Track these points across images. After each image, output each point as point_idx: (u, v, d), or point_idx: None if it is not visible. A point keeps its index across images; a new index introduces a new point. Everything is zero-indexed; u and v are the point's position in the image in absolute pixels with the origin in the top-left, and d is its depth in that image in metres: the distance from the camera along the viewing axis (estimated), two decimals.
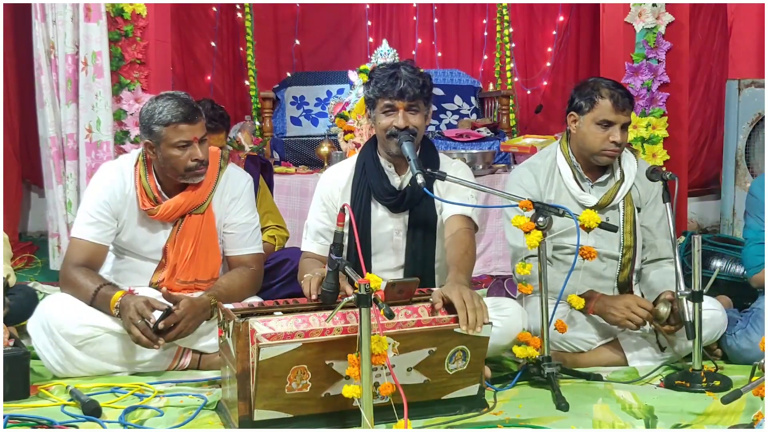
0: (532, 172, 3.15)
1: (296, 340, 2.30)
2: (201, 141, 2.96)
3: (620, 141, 3.00)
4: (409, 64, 2.93)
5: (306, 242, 3.04)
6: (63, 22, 4.46)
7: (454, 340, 2.42)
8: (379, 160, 2.98)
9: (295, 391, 2.31)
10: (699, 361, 2.78)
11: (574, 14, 6.98)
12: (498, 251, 4.92)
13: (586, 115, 3.03)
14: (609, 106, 2.98)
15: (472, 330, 2.40)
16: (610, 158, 3.05)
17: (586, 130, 3.04)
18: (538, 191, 3.10)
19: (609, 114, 2.99)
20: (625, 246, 3.09)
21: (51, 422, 2.45)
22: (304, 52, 7.10)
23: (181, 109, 2.91)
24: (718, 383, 2.75)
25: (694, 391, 2.72)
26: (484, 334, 2.45)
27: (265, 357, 2.22)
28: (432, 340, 2.40)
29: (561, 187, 3.12)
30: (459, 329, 2.41)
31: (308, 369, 2.29)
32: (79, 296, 2.90)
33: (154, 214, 3.01)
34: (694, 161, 6.18)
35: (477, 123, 6.30)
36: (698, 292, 2.76)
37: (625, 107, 3.00)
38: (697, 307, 2.76)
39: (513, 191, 3.09)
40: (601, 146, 3.02)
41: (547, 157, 3.19)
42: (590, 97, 3.02)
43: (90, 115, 4.44)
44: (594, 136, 3.02)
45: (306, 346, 2.27)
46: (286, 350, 2.24)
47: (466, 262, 2.78)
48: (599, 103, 3.00)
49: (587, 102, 3.03)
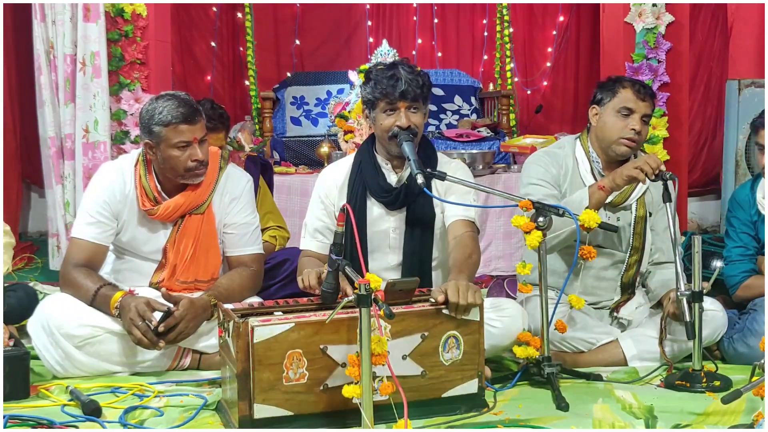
0: (551, 157, 3.15)
1: (289, 320, 2.34)
2: (201, 141, 2.96)
3: (639, 129, 3.01)
4: (406, 64, 2.92)
5: (304, 240, 3.05)
6: (62, 22, 4.46)
7: (444, 324, 2.47)
8: (376, 158, 2.98)
9: (293, 382, 2.33)
10: (699, 361, 2.78)
11: (574, 14, 6.98)
12: (498, 251, 4.92)
13: (607, 105, 3.06)
14: (630, 94, 3.02)
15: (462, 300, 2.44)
16: (629, 148, 3.04)
17: (606, 119, 3.06)
18: (558, 173, 3.11)
19: (630, 102, 3.02)
20: (633, 247, 3.10)
21: (51, 422, 2.45)
22: (304, 52, 7.10)
23: (181, 110, 2.91)
24: (718, 383, 2.75)
25: (694, 392, 2.72)
26: (473, 318, 2.49)
27: (260, 339, 2.26)
28: (423, 323, 2.45)
29: (577, 180, 3.11)
30: (446, 310, 2.46)
31: (303, 355, 2.33)
32: (79, 296, 2.89)
33: (154, 215, 3.01)
34: (694, 161, 6.18)
35: (477, 123, 6.30)
36: (698, 292, 2.76)
37: (645, 97, 3.03)
38: (697, 308, 2.76)
39: (531, 170, 3.11)
40: (620, 134, 3.03)
41: (565, 147, 3.19)
42: (612, 88, 3.07)
43: (87, 116, 4.45)
44: (614, 124, 3.04)
45: (299, 327, 2.32)
46: (280, 331, 2.29)
47: (470, 265, 2.77)
48: (620, 92, 3.04)
49: (609, 93, 3.07)
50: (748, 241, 3.22)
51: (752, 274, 3.18)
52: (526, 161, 3.25)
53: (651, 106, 3.07)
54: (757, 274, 3.18)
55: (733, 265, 3.22)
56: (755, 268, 3.20)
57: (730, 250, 3.25)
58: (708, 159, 6.35)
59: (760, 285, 3.11)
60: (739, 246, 3.23)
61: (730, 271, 3.23)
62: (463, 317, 2.48)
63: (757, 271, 3.19)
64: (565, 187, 3.10)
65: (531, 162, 3.19)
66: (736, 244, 3.24)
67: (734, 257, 3.23)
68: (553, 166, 3.11)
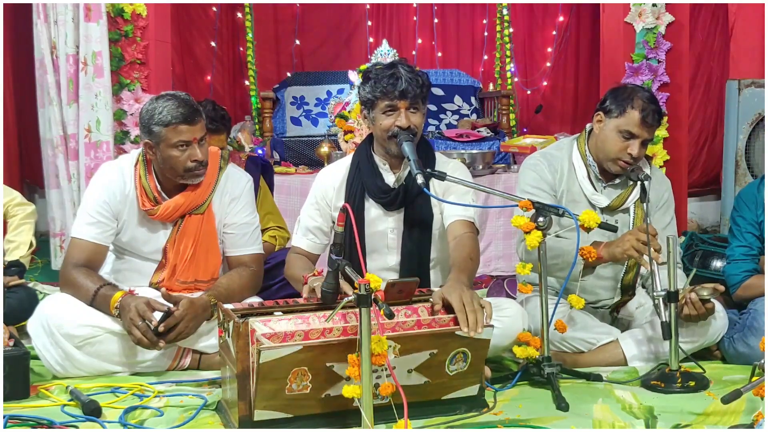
0: (547, 160, 3.13)
1: (296, 342, 2.30)
2: (200, 142, 2.96)
3: (636, 155, 2.97)
4: (405, 63, 2.92)
5: (296, 237, 3.05)
6: (64, 22, 4.46)
7: (455, 342, 2.42)
8: (374, 158, 2.98)
9: (296, 392, 2.31)
10: (676, 361, 2.78)
11: (574, 14, 6.99)
12: (498, 251, 4.92)
13: (612, 120, 2.99)
14: (637, 119, 2.94)
15: (473, 332, 2.40)
16: (622, 169, 3.02)
17: (608, 134, 3.01)
18: (553, 178, 3.09)
19: (634, 127, 2.95)
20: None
21: (51, 422, 2.45)
22: (304, 52, 7.11)
23: (181, 110, 2.91)
24: (692, 384, 2.75)
25: (669, 392, 2.71)
26: (485, 337, 2.44)
27: (266, 360, 2.22)
28: (433, 342, 2.40)
29: (573, 183, 3.11)
30: (460, 332, 2.40)
31: (309, 371, 2.29)
32: (79, 296, 2.89)
33: (154, 214, 3.01)
34: (694, 161, 6.18)
35: (477, 123, 6.30)
36: (674, 293, 2.76)
37: (652, 124, 2.97)
38: (673, 308, 2.77)
39: (527, 175, 3.09)
40: (617, 155, 2.99)
41: (563, 150, 3.18)
42: (622, 104, 2.98)
43: (90, 115, 4.45)
44: (613, 143, 2.99)
45: (306, 349, 2.26)
46: (287, 353, 2.24)
47: (470, 265, 2.77)
48: (629, 112, 2.96)
49: (618, 107, 2.98)
50: (753, 240, 3.22)
51: (753, 274, 3.18)
52: (523, 164, 3.24)
53: (654, 131, 3.01)
54: (758, 273, 3.18)
55: (736, 264, 3.21)
56: (757, 267, 3.19)
57: (734, 249, 3.24)
58: (708, 159, 6.36)
59: (760, 285, 3.11)
60: (743, 245, 3.22)
61: (731, 270, 3.22)
62: (475, 336, 2.41)
63: (759, 271, 3.19)
64: (562, 189, 3.10)
65: (527, 167, 3.17)
66: (740, 243, 3.23)
67: (737, 256, 3.22)
68: (549, 172, 3.10)
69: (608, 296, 3.18)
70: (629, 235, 2.87)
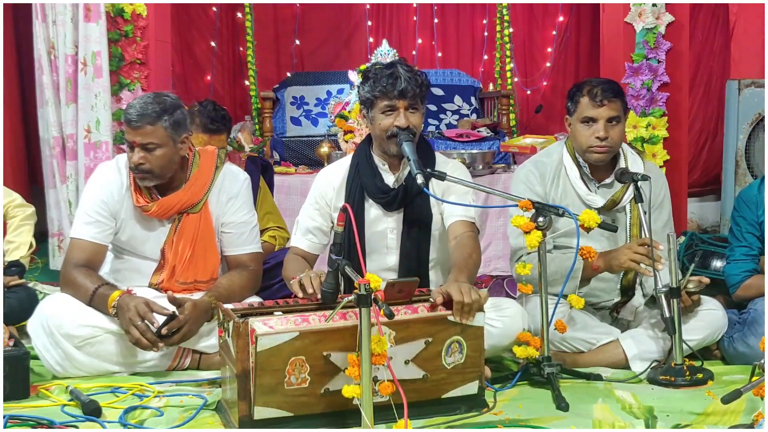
0: (539, 170, 3.14)
1: (293, 329, 2.32)
2: (145, 147, 2.90)
3: (604, 136, 2.98)
4: (404, 63, 2.92)
5: (295, 237, 3.05)
6: (63, 22, 4.46)
7: (448, 329, 2.45)
8: (373, 158, 2.98)
9: (295, 386, 2.32)
10: (681, 355, 2.80)
11: (574, 14, 6.98)
12: (498, 251, 4.92)
13: (573, 115, 3.08)
14: (587, 102, 3.02)
15: (466, 318, 2.42)
16: (600, 155, 3.03)
17: (575, 128, 3.08)
18: (543, 190, 3.10)
19: (588, 110, 3.02)
20: None
21: (51, 422, 2.45)
22: (304, 52, 7.10)
23: (132, 111, 2.90)
24: (701, 376, 2.78)
25: (678, 386, 2.74)
26: (477, 324, 2.46)
27: (263, 347, 2.24)
28: (427, 329, 2.43)
29: (567, 186, 3.11)
30: (452, 317, 2.44)
31: (306, 361, 2.31)
32: (79, 296, 2.90)
33: (149, 211, 3.01)
34: (694, 161, 6.17)
35: (477, 123, 6.30)
36: (676, 288, 2.78)
37: (603, 101, 2.99)
38: (676, 303, 2.78)
39: (518, 188, 3.10)
40: (588, 143, 3.03)
41: (553, 155, 3.19)
42: (574, 97, 3.08)
43: (89, 116, 4.45)
44: (581, 134, 3.05)
45: (303, 336, 2.29)
46: (284, 340, 2.27)
47: (470, 265, 2.77)
48: (580, 101, 3.05)
49: (573, 102, 3.08)
50: (753, 241, 3.22)
51: (753, 274, 3.18)
52: (514, 175, 3.26)
53: (616, 107, 3.01)
54: (758, 274, 3.18)
55: (736, 264, 3.22)
56: (757, 268, 3.20)
57: (734, 249, 3.25)
58: (708, 159, 6.34)
59: (760, 285, 3.11)
60: (744, 245, 3.22)
61: (731, 270, 3.23)
62: (467, 323, 2.46)
63: (759, 271, 3.19)
64: (557, 193, 3.10)
65: (517, 179, 3.19)
66: (740, 244, 3.23)
67: (737, 256, 3.23)
68: (539, 183, 3.12)
69: (608, 297, 3.18)
70: (626, 248, 2.90)
